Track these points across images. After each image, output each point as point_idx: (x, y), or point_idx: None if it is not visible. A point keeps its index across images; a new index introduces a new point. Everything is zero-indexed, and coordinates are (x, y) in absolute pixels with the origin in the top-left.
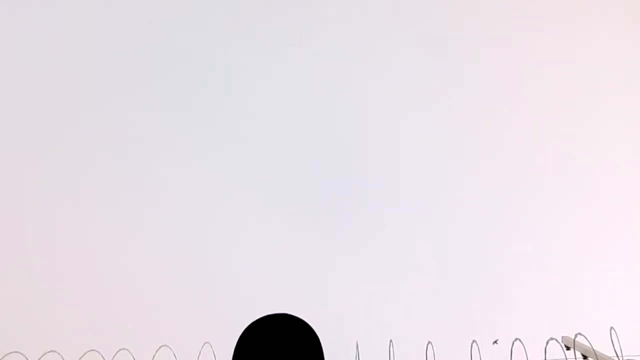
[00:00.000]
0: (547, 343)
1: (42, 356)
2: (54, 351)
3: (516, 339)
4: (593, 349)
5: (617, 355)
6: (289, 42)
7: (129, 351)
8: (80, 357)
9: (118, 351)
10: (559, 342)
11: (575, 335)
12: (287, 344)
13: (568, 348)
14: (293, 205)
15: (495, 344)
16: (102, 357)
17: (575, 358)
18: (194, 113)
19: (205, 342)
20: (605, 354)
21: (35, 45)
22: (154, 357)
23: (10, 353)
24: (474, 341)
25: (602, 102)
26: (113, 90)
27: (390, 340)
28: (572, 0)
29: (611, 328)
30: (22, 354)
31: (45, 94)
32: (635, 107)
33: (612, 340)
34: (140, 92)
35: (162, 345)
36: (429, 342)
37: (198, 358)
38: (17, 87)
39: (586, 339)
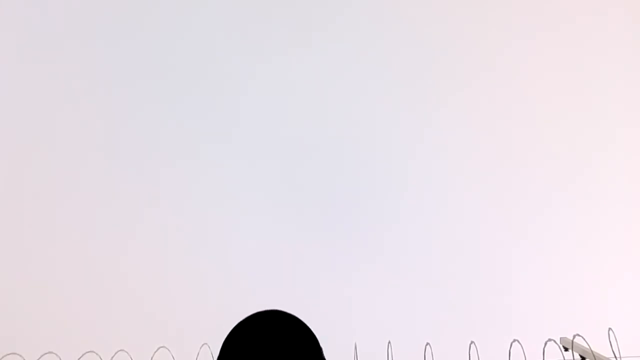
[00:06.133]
0: (546, 344)
1: (40, 357)
2: (52, 352)
3: (514, 340)
4: (591, 350)
5: (615, 356)
6: (291, 44)
7: (127, 352)
8: (79, 359)
9: (116, 352)
10: (557, 343)
11: (574, 337)
12: (280, 341)
13: (566, 349)
14: (292, 205)
15: None
16: (100, 358)
17: (574, 359)
18: (193, 113)
19: (204, 344)
20: (604, 355)
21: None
22: (152, 358)
23: (9, 354)
24: (472, 342)
25: (606, 108)
26: (115, 93)
27: (389, 342)
28: (577, 2)
29: (609, 329)
30: (20, 355)
31: (54, 99)
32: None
33: (610, 342)
34: (139, 94)
35: (161, 347)
36: (427, 344)
37: (196, 359)
38: (31, 91)
39: (584, 340)
